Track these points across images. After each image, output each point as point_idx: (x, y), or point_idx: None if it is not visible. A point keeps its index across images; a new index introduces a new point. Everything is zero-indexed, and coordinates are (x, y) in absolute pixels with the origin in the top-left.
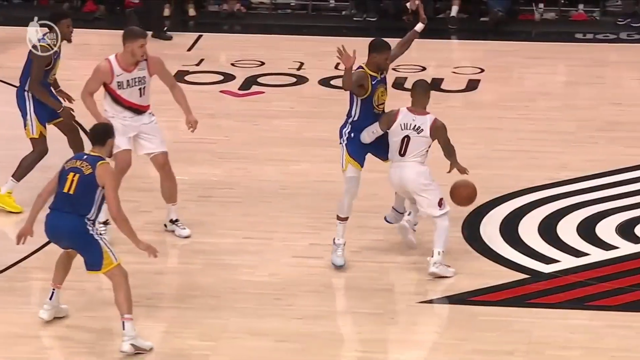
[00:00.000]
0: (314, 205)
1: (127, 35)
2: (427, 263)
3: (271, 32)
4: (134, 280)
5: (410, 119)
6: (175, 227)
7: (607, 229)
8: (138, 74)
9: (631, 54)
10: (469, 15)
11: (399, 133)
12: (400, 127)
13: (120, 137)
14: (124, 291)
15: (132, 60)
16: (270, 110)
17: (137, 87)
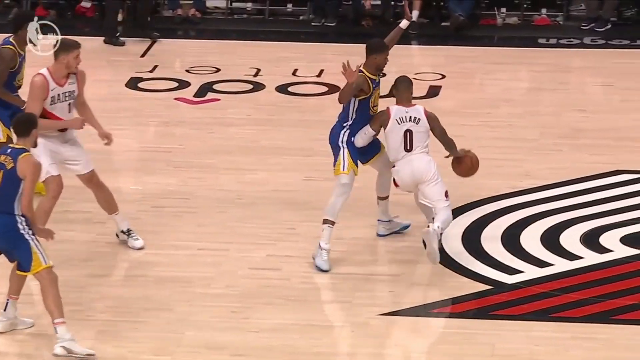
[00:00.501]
0: (271, 215)
1: (61, 47)
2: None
3: (227, 38)
4: (87, 294)
5: (404, 112)
6: (127, 237)
7: (572, 238)
8: (69, 88)
9: (595, 59)
10: (430, 19)
11: (397, 129)
12: (397, 121)
13: (50, 164)
14: (52, 295)
15: (65, 73)
16: (226, 117)
17: (67, 102)
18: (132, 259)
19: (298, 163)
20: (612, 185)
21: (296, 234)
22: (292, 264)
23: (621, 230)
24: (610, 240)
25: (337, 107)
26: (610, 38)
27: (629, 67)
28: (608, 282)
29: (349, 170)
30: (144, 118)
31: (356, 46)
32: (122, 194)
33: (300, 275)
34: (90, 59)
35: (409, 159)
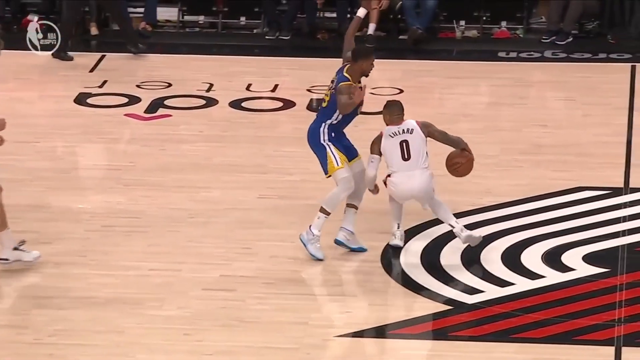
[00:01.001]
0: (225, 234)
1: None
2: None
3: (178, 52)
4: (35, 317)
5: (395, 128)
6: (20, 252)
7: (533, 257)
8: None
9: (556, 73)
10: (387, 33)
11: (392, 142)
12: (390, 136)
13: None
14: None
15: None
16: (178, 134)
17: None
18: (81, 280)
19: (252, 180)
20: (574, 202)
21: (251, 254)
22: (247, 285)
23: (583, 248)
24: (572, 258)
25: (293, 123)
26: (571, 51)
27: (590, 81)
28: (570, 302)
29: (343, 163)
30: (93, 135)
31: (311, 60)
32: (70, 213)
33: (256, 296)
34: (37, 74)
35: (411, 174)
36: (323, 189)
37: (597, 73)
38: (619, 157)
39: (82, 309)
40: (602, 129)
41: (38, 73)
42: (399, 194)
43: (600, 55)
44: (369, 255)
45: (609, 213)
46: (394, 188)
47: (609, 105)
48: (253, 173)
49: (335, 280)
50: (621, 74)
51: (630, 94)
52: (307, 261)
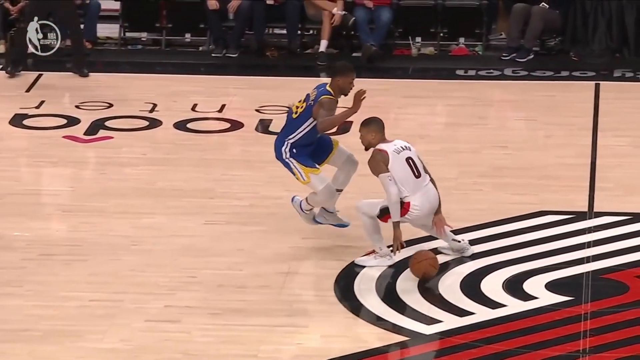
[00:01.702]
0: (170, 262)
1: None
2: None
3: (120, 70)
4: None
5: (394, 145)
6: None
7: (494, 285)
8: None
9: (517, 91)
10: (340, 50)
11: (399, 159)
12: (396, 152)
13: None
14: None
15: None
16: (120, 157)
17: None
18: (17, 312)
19: (198, 206)
20: (536, 228)
21: (197, 283)
22: (193, 316)
23: (546, 275)
24: (534, 286)
25: (241, 145)
26: (532, 69)
27: (552, 100)
28: (533, 332)
29: (308, 177)
30: (30, 158)
31: (260, 79)
32: (5, 240)
33: (201, 327)
34: None
35: (426, 190)
36: (274, 214)
37: (559, 92)
38: (583, 179)
39: (18, 342)
40: (565, 150)
41: None
42: (423, 216)
43: (562, 73)
44: (322, 284)
45: (572, 238)
46: (419, 212)
47: (572, 126)
48: (199, 198)
49: (285, 310)
50: (585, 92)
51: (594, 113)
52: (256, 290)
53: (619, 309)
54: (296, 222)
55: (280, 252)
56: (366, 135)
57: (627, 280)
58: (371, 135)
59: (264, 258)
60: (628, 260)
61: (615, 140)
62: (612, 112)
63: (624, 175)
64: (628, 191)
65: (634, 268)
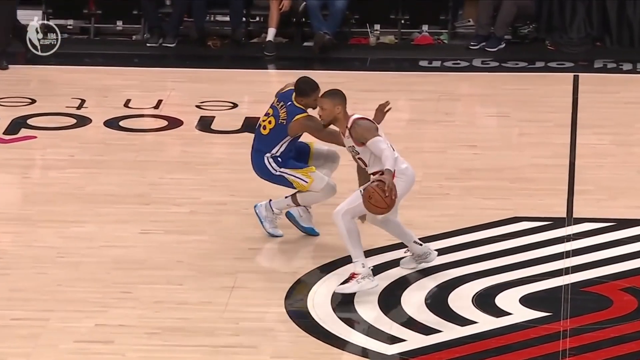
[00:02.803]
0: (101, 276)
1: None
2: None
3: (43, 62)
4: None
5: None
6: None
7: (462, 299)
8: None
9: (486, 84)
10: (290, 39)
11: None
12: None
13: None
14: None
15: None
16: (44, 159)
17: None
18: None
19: (133, 213)
20: (509, 235)
21: (132, 299)
22: (127, 336)
23: (521, 289)
24: (507, 301)
25: (181, 144)
26: (504, 59)
27: (527, 94)
28: (506, 352)
29: (310, 177)
30: None
31: (201, 71)
32: None
33: (137, 348)
34: None
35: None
36: (217, 221)
37: (534, 84)
38: (560, 182)
39: None
40: (541, 149)
41: None
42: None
43: (537, 63)
44: (271, 300)
45: (549, 247)
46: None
47: (548, 122)
48: (133, 204)
49: (232, 329)
50: (562, 85)
51: (573, 108)
52: (198, 307)
53: (602, 325)
54: (242, 231)
55: (225, 263)
56: (331, 109)
57: (610, 293)
58: (337, 108)
59: (207, 271)
60: (611, 271)
61: (595, 139)
62: (592, 106)
63: (606, 177)
64: (610, 195)
65: (618, 280)
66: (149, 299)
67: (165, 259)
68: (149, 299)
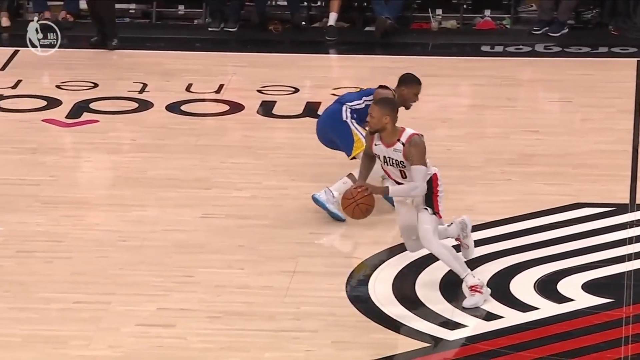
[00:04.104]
0: (163, 260)
1: None
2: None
3: (106, 46)
4: None
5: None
6: None
7: (524, 285)
8: None
9: (549, 70)
10: (351, 24)
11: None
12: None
13: None
14: None
15: None
16: (107, 143)
17: None
18: None
19: (194, 197)
20: (571, 222)
21: (193, 283)
22: (188, 319)
23: (583, 275)
24: (570, 287)
25: (241, 129)
26: (567, 45)
27: (589, 79)
28: (568, 338)
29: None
30: (6, 144)
31: (262, 55)
32: None
33: (198, 332)
34: None
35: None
36: (277, 206)
37: (597, 70)
38: (623, 168)
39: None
40: (604, 135)
41: None
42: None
43: (600, 49)
44: (332, 284)
45: (612, 234)
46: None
47: (611, 108)
48: (195, 188)
49: (292, 313)
50: (625, 70)
51: (636, 94)
52: (258, 291)
53: None
54: (303, 215)
55: (286, 248)
56: (380, 117)
57: None
58: (385, 118)
59: (268, 255)
60: None
61: None
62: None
63: None
64: None
65: None
66: (210, 283)
67: (226, 244)
68: (210, 283)
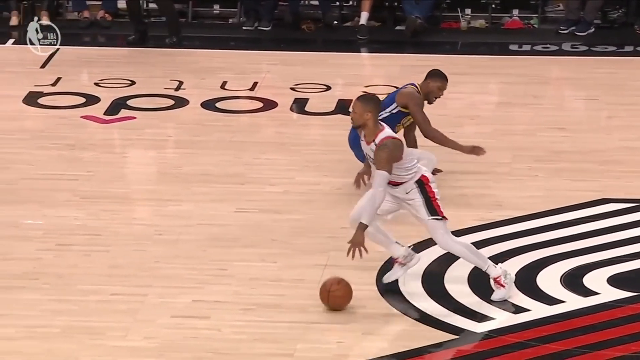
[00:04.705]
0: (198, 254)
1: None
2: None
3: (143, 45)
4: None
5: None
6: None
7: (551, 279)
8: None
9: (575, 68)
10: (382, 23)
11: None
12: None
13: None
14: None
15: None
16: (143, 139)
17: None
18: (32, 307)
19: (228, 192)
20: (597, 217)
21: (227, 276)
22: (223, 311)
23: (608, 269)
24: (595, 281)
25: (275, 125)
26: (593, 44)
27: (615, 77)
28: (593, 331)
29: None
30: (45, 140)
31: (295, 54)
32: (19, 229)
33: (232, 324)
34: None
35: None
36: (310, 201)
37: (623, 68)
38: None
39: (35, 339)
40: (629, 132)
41: None
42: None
43: (626, 48)
44: (362, 277)
45: (637, 229)
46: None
47: (636, 106)
48: (229, 184)
49: (323, 305)
50: None
51: None
52: (291, 284)
53: None
54: (334, 210)
55: (318, 242)
56: (361, 113)
57: None
58: (367, 114)
59: (300, 249)
60: None
61: None
62: None
63: None
64: None
65: None
66: (243, 276)
67: (259, 238)
68: (244, 276)
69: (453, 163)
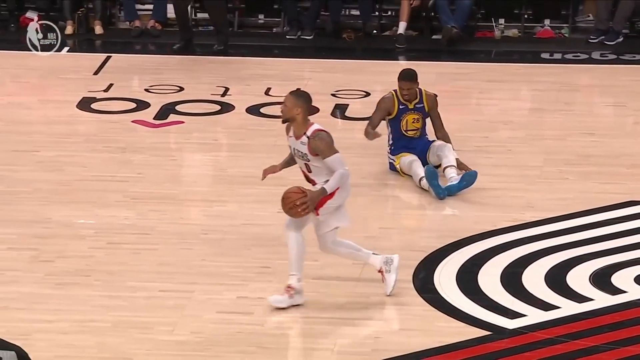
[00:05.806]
0: (242, 252)
1: None
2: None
3: (191, 53)
4: (33, 343)
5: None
6: None
7: (580, 278)
8: None
9: (604, 76)
10: (419, 32)
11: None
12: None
13: None
14: None
15: None
16: (190, 142)
17: None
18: (84, 303)
19: (271, 194)
20: (625, 218)
21: (270, 273)
22: (266, 307)
23: (636, 268)
24: (623, 279)
25: None
26: (621, 52)
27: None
28: (621, 328)
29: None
30: (98, 143)
31: (336, 62)
32: (72, 228)
33: (275, 320)
34: (37, 77)
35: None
36: (348, 202)
37: None
38: None
39: (86, 333)
40: None
41: (37, 76)
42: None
43: None
44: (400, 276)
45: None
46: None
47: None
48: (272, 185)
49: (363, 302)
50: None
51: None
52: (332, 281)
53: None
54: (372, 212)
55: (356, 242)
56: (292, 107)
57: None
58: (297, 109)
59: None
60: None
61: None
62: None
63: None
64: None
65: None
66: (285, 274)
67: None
68: (286, 273)
69: (485, 167)
